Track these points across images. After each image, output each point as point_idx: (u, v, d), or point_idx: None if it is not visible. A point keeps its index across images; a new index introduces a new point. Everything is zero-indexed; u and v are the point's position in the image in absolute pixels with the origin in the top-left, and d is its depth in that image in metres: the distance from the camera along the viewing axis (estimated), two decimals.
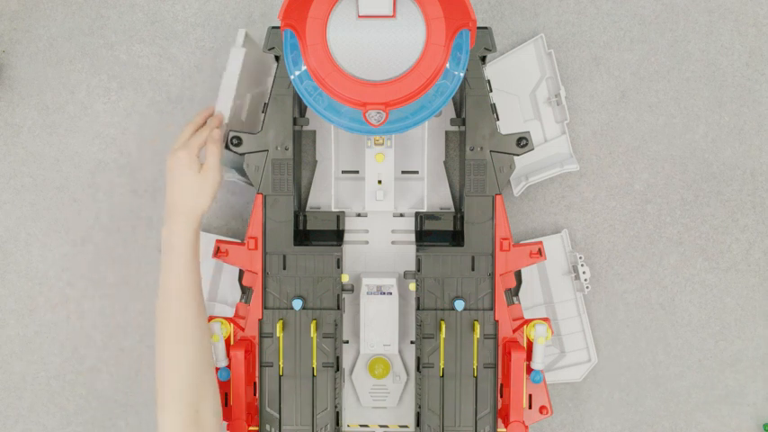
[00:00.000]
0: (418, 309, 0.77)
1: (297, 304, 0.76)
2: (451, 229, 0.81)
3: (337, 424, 0.78)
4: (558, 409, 0.90)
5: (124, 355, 0.90)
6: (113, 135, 0.89)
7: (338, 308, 0.77)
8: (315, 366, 0.78)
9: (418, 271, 0.77)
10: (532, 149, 0.77)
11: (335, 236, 0.81)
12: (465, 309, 0.77)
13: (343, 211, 0.81)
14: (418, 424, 0.78)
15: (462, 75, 0.67)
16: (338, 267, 0.77)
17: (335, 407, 0.78)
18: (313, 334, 0.77)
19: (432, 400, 0.78)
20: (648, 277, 0.89)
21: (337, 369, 0.78)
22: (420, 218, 0.81)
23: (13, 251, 0.89)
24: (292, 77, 0.67)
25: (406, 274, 0.80)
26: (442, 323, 0.77)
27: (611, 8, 0.88)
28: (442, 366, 0.77)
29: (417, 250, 0.77)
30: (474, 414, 0.78)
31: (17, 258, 0.89)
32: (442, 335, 0.76)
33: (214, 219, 0.89)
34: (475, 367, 0.78)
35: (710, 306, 0.90)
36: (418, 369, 0.78)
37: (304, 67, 0.66)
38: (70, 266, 0.89)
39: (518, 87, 0.84)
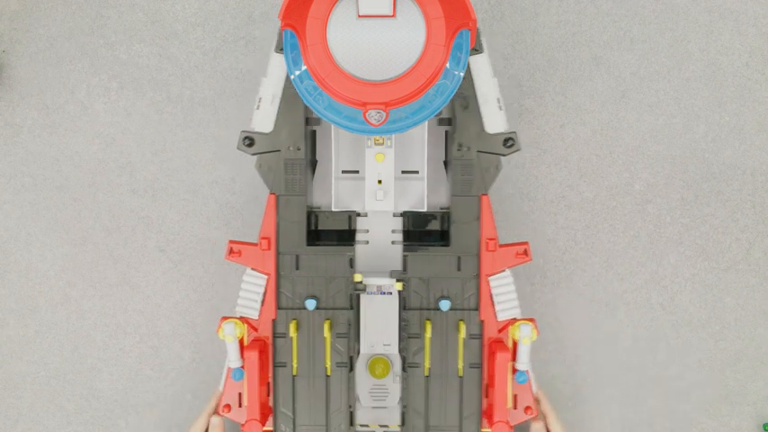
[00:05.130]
0: (404, 309, 0.78)
1: (310, 304, 0.76)
2: (440, 228, 0.82)
3: (351, 423, 0.78)
4: (559, 409, 0.90)
5: (124, 355, 0.90)
6: (113, 135, 0.89)
7: (351, 307, 0.78)
8: (328, 366, 0.78)
9: (404, 271, 0.77)
10: (519, 150, 0.77)
11: (347, 236, 0.81)
12: (451, 309, 0.77)
13: (355, 211, 0.81)
14: (404, 423, 0.78)
15: (462, 74, 0.67)
16: (351, 267, 0.77)
17: (349, 406, 0.78)
18: (327, 334, 0.77)
19: (417, 400, 0.78)
20: (648, 277, 0.89)
21: (351, 369, 0.78)
22: (408, 217, 0.81)
23: (13, 251, 0.89)
24: (292, 77, 0.67)
25: (392, 274, 0.81)
26: (428, 323, 0.77)
27: (611, 8, 0.88)
28: (427, 366, 0.78)
29: (403, 250, 0.78)
30: (459, 414, 0.78)
31: (17, 258, 0.89)
32: (428, 334, 0.77)
33: (214, 218, 0.89)
34: (460, 367, 0.78)
35: (710, 306, 0.90)
36: (404, 369, 0.78)
37: (304, 67, 0.66)
38: (70, 266, 0.89)
39: None
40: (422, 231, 0.81)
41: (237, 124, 0.88)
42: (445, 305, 0.76)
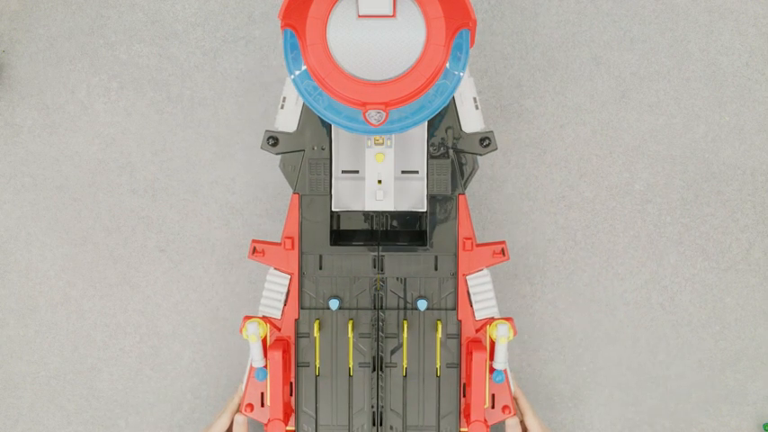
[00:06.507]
0: (381, 308, 0.78)
1: (333, 304, 0.76)
2: (418, 228, 0.82)
3: (373, 424, 0.78)
4: (558, 409, 0.90)
5: (124, 355, 0.90)
6: (113, 135, 0.89)
7: (374, 307, 0.78)
8: (351, 366, 0.78)
9: (381, 270, 0.77)
10: (496, 149, 0.77)
11: (369, 236, 0.81)
12: (428, 308, 0.77)
13: (377, 211, 0.81)
14: (379, 423, 0.78)
15: (462, 74, 0.67)
16: (374, 267, 0.77)
17: (372, 407, 0.78)
18: (350, 334, 0.77)
19: (394, 400, 0.78)
20: (648, 277, 0.89)
21: (374, 369, 0.78)
22: (386, 217, 0.81)
23: (13, 251, 0.89)
24: (292, 77, 0.67)
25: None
26: (405, 323, 0.77)
27: (611, 8, 0.88)
28: (405, 366, 0.78)
29: (380, 250, 0.78)
30: (437, 413, 0.78)
31: (17, 258, 0.89)
32: (405, 334, 0.77)
33: (214, 218, 0.89)
34: (438, 367, 0.78)
35: (710, 306, 0.90)
36: (381, 368, 0.78)
37: (304, 67, 0.66)
38: (70, 266, 0.89)
39: None
40: (399, 231, 0.81)
41: (237, 124, 0.89)
42: (422, 305, 0.76)
